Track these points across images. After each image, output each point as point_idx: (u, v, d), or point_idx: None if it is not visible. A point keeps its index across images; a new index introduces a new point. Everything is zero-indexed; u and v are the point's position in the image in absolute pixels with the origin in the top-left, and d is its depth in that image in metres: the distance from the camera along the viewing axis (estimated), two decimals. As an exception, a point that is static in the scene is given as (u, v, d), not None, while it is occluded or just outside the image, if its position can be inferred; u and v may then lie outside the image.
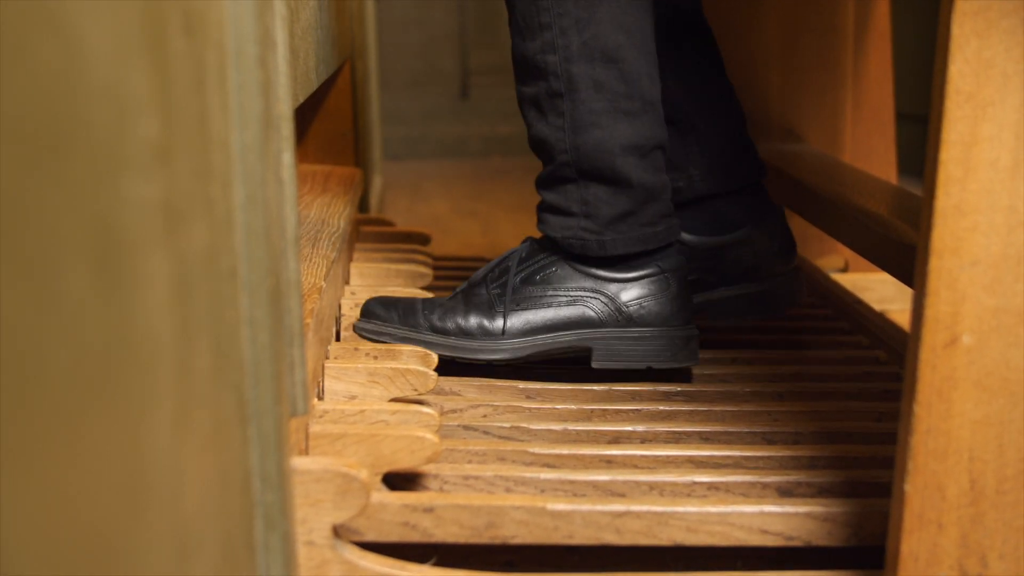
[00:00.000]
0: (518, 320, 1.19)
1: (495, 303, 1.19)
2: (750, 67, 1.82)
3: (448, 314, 1.19)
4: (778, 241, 1.30)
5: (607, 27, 1.14)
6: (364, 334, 1.19)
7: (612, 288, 1.19)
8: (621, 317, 1.19)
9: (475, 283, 1.23)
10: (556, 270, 1.20)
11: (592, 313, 1.19)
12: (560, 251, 1.20)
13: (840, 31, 1.82)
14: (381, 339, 1.18)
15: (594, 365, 1.19)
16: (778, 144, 1.83)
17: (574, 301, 1.19)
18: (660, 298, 1.19)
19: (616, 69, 1.14)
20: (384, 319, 1.19)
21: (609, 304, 1.19)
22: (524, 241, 1.24)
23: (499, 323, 1.19)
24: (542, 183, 1.21)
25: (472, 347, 1.19)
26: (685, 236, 1.26)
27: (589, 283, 1.19)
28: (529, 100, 1.19)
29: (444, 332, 1.19)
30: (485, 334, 1.19)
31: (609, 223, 1.17)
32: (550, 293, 1.19)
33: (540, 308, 1.19)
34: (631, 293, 1.19)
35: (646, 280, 1.19)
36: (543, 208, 1.21)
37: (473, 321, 1.19)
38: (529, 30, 1.16)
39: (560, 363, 1.23)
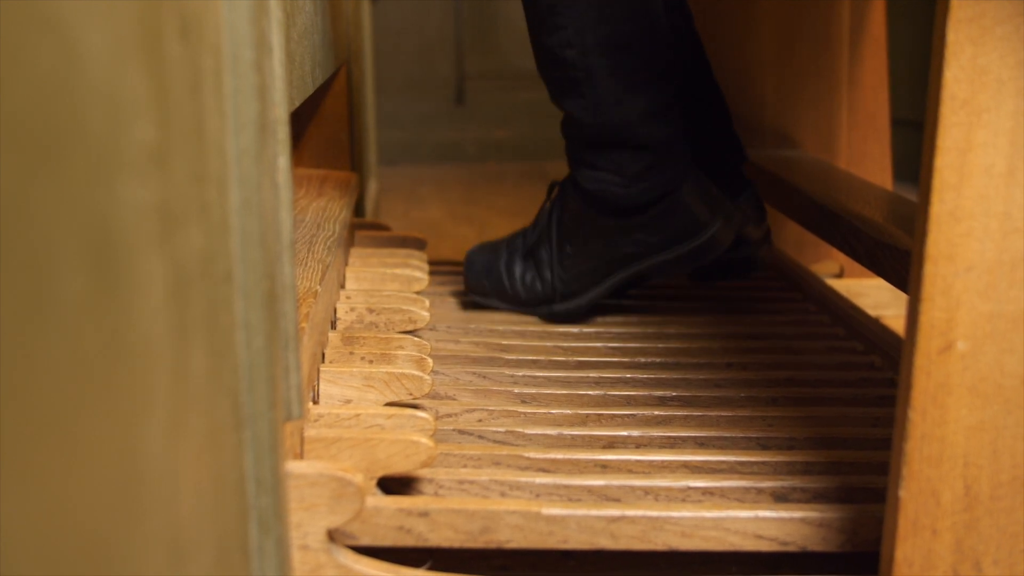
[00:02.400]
0: (580, 280, 1.39)
1: (555, 268, 1.39)
2: (745, 73, 1.82)
3: (530, 289, 1.41)
4: (752, 211, 1.44)
5: (619, 21, 1.26)
6: (477, 301, 1.45)
7: (640, 227, 1.34)
8: (656, 246, 1.34)
9: (534, 249, 1.42)
10: (591, 226, 1.36)
11: (631, 251, 1.35)
12: (590, 205, 1.35)
13: (835, 37, 1.82)
14: (489, 304, 1.44)
15: (651, 280, 1.46)
16: (773, 150, 1.83)
17: (612, 248, 1.36)
18: (682, 218, 1.33)
19: (630, 51, 1.27)
20: (483, 293, 1.44)
21: (641, 240, 1.34)
22: (554, 190, 1.42)
23: (565, 284, 1.39)
24: (571, 139, 1.36)
25: (558, 310, 1.41)
26: (614, 221, 1.36)
27: (620, 230, 1.34)
28: (551, 80, 1.32)
29: (529, 304, 1.42)
30: (560, 298, 1.40)
31: (635, 177, 1.32)
32: (593, 250, 1.37)
33: (590, 262, 1.37)
34: (657, 225, 1.33)
35: (666, 210, 1.32)
36: (575, 161, 1.36)
37: (548, 289, 1.40)
38: (546, 26, 1.28)
39: (556, 366, 1.24)
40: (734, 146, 1.50)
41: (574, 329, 1.39)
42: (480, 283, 1.43)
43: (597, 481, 0.95)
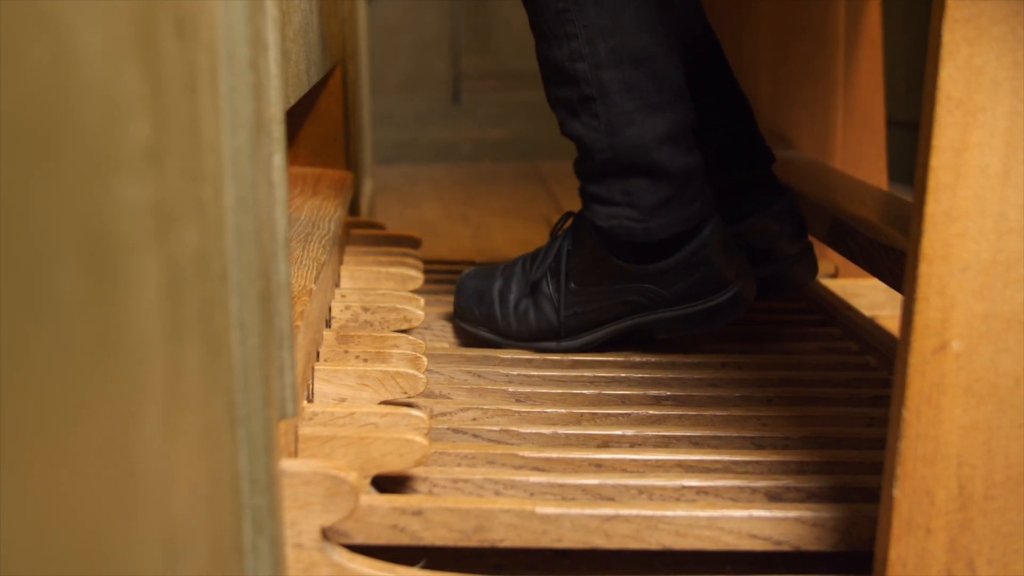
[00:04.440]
0: (578, 319, 1.29)
1: (557, 304, 1.29)
2: (741, 74, 1.82)
3: (523, 320, 1.31)
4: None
5: (631, 31, 1.16)
6: (464, 329, 1.35)
7: (655, 276, 1.24)
8: (668, 300, 1.26)
9: (536, 281, 1.31)
10: (601, 271, 1.26)
11: (642, 301, 1.26)
12: (603, 243, 1.25)
13: (831, 38, 1.82)
14: (479, 337, 1.34)
15: (658, 338, 1.30)
16: (769, 150, 1.83)
17: (625, 295, 1.26)
18: (700, 275, 1.24)
19: (644, 68, 1.17)
20: (471, 321, 1.34)
21: (655, 292, 1.25)
22: (567, 220, 1.33)
23: (563, 323, 1.29)
24: (584, 175, 1.25)
25: (548, 348, 1.31)
26: (626, 265, 1.26)
27: (633, 275, 1.25)
28: (560, 102, 1.22)
29: (519, 338, 1.31)
30: (555, 335, 1.30)
31: (652, 210, 1.22)
32: (600, 294, 1.27)
33: (595, 306, 1.28)
34: (673, 277, 1.24)
35: (685, 263, 1.24)
36: (587, 196, 1.26)
37: (544, 325, 1.30)
38: (555, 38, 1.18)
39: (551, 365, 1.24)
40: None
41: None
42: (470, 311, 1.34)
43: (591, 480, 0.95)
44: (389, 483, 0.96)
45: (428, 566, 0.91)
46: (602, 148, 1.20)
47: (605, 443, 1.07)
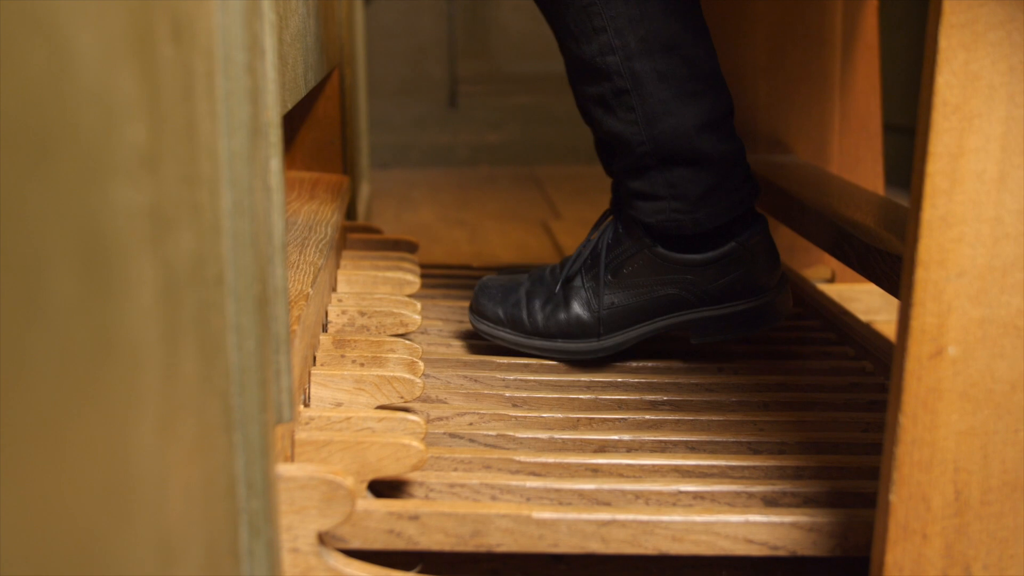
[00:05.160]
0: (615, 316, 1.25)
1: (592, 300, 1.25)
2: (738, 78, 1.82)
3: (551, 317, 1.26)
4: (762, 255, 1.25)
5: (660, 18, 1.15)
6: (481, 334, 1.30)
7: (698, 270, 1.22)
8: (710, 296, 1.23)
9: (571, 277, 1.27)
10: (642, 261, 1.23)
11: (682, 296, 1.23)
12: (648, 235, 1.22)
13: (828, 42, 1.82)
14: (496, 341, 1.28)
15: (693, 342, 1.26)
16: (765, 155, 1.83)
17: (664, 288, 1.23)
18: (744, 271, 1.23)
19: (677, 55, 1.16)
20: (494, 321, 1.28)
21: (697, 286, 1.23)
22: (606, 219, 1.27)
23: (597, 320, 1.25)
24: (625, 173, 1.23)
25: (578, 349, 1.26)
26: (670, 254, 1.23)
27: (675, 269, 1.22)
28: (594, 99, 1.20)
29: (550, 336, 1.26)
30: (586, 334, 1.25)
31: (698, 200, 1.20)
32: (641, 284, 1.24)
33: (633, 300, 1.24)
34: (716, 271, 1.22)
35: (730, 258, 1.22)
36: (631, 195, 1.23)
37: (575, 321, 1.25)
38: (583, 35, 1.16)
39: (548, 370, 1.24)
40: (749, 187, 1.29)
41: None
42: (493, 311, 1.28)
43: (588, 485, 0.95)
44: (385, 487, 0.96)
45: (424, 571, 0.91)
46: (642, 141, 1.18)
47: (602, 448, 1.07)
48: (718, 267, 1.22)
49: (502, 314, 1.28)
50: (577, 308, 1.25)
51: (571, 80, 1.22)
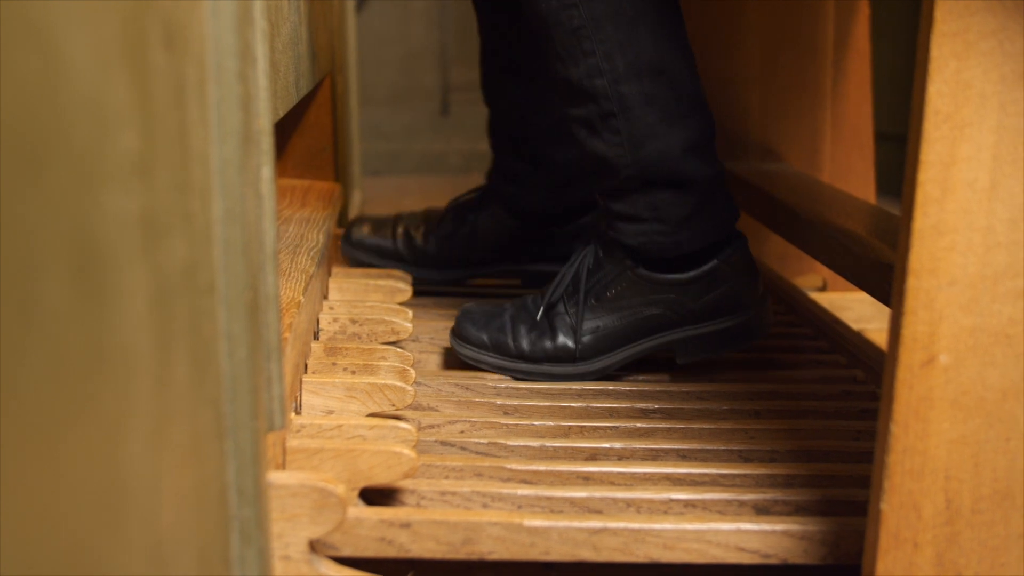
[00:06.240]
0: (600, 339, 1.24)
1: (575, 325, 1.24)
2: (730, 86, 1.83)
3: (536, 343, 1.25)
4: (743, 272, 1.25)
5: (649, 43, 1.15)
6: (464, 358, 1.28)
7: (681, 288, 1.23)
8: (694, 314, 1.24)
9: (553, 303, 1.27)
10: (626, 283, 1.23)
11: (667, 316, 1.24)
12: (630, 257, 1.23)
13: (820, 51, 1.83)
14: (480, 367, 1.27)
15: (679, 362, 1.26)
16: (757, 163, 1.83)
17: (648, 308, 1.23)
18: (726, 289, 1.23)
19: (663, 79, 1.16)
20: (478, 345, 1.27)
21: (681, 305, 1.23)
22: (588, 245, 1.27)
23: (582, 345, 1.24)
24: (606, 194, 1.23)
25: (564, 372, 1.25)
26: (652, 275, 1.23)
27: (659, 289, 1.23)
28: (579, 121, 1.20)
29: (535, 360, 1.25)
30: (572, 358, 1.25)
31: (681, 223, 1.20)
32: (625, 307, 1.24)
33: (618, 323, 1.24)
34: (699, 290, 1.23)
35: (712, 276, 1.23)
36: (612, 216, 1.23)
37: (560, 345, 1.25)
38: (571, 57, 1.16)
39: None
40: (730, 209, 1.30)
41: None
42: (477, 336, 1.27)
43: (579, 493, 0.95)
44: (377, 495, 0.95)
45: (415, 579, 0.90)
46: (627, 164, 1.18)
47: (593, 456, 1.07)
48: (700, 285, 1.23)
49: (486, 338, 1.27)
50: (562, 335, 1.25)
51: (558, 100, 1.22)
